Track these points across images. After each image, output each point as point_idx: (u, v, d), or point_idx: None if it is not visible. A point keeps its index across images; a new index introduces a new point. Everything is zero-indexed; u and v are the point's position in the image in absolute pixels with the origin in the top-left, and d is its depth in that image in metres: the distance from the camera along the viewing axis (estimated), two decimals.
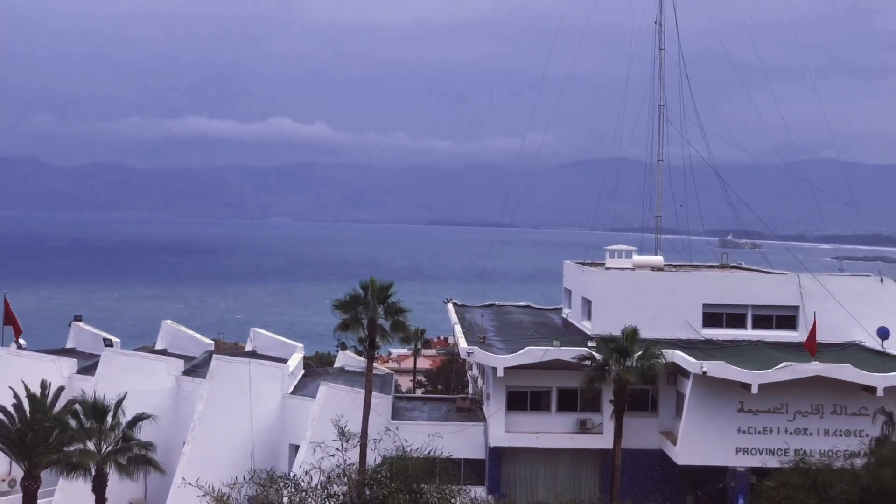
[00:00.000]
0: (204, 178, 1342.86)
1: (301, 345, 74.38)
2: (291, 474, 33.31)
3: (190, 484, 33.29)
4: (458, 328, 68.69)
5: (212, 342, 79.75)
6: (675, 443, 57.68)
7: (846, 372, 54.96)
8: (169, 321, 79.35)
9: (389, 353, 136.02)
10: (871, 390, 54.74)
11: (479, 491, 56.49)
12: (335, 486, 30.98)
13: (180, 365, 67.27)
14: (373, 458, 45.09)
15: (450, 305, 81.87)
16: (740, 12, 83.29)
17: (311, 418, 58.72)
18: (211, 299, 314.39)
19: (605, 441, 58.74)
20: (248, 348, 76.73)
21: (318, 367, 76.33)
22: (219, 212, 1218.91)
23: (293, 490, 30.70)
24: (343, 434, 33.21)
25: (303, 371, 71.80)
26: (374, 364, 60.48)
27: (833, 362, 56.00)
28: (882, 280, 65.62)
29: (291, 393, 64.75)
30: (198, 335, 78.15)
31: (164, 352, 73.51)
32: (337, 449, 32.30)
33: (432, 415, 65.95)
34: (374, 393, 58.51)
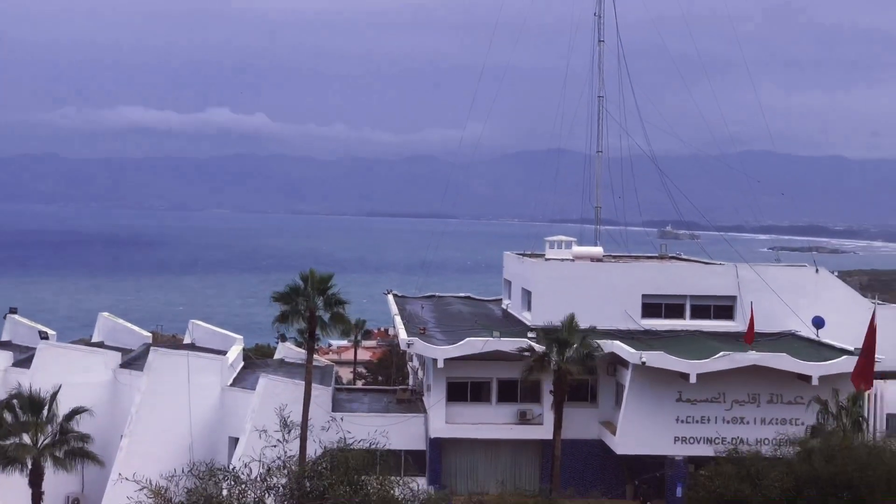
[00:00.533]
0: (141, 170, 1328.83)
1: (240, 337, 73.87)
2: (231, 467, 33.09)
3: (126, 479, 32.96)
4: (398, 319, 68.62)
5: (150, 334, 78.93)
6: (614, 433, 58.02)
7: (782, 361, 55.58)
8: (106, 313, 78.48)
9: (330, 345, 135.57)
10: (807, 379, 55.40)
11: (419, 482, 56.37)
12: (275, 479, 30.80)
13: (117, 358, 66.58)
14: (313, 450, 44.95)
15: (390, 297, 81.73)
16: (678, 5, 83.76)
17: (251, 410, 58.40)
18: (148, 291, 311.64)
19: (545, 431, 58.94)
20: (187, 340, 76.05)
21: (257, 359, 75.91)
22: (156, 203, 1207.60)
23: (232, 483, 30.47)
24: (285, 425, 33.02)
25: (242, 363, 71.32)
26: (315, 356, 60.23)
27: (769, 352, 56.61)
28: (817, 270, 66.39)
29: (231, 385, 64.32)
30: (135, 327, 77.34)
31: (101, 344, 72.68)
32: (277, 440, 32.12)
33: (373, 406, 65.83)
34: (314, 385, 58.30)
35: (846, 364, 55.29)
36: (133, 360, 67.85)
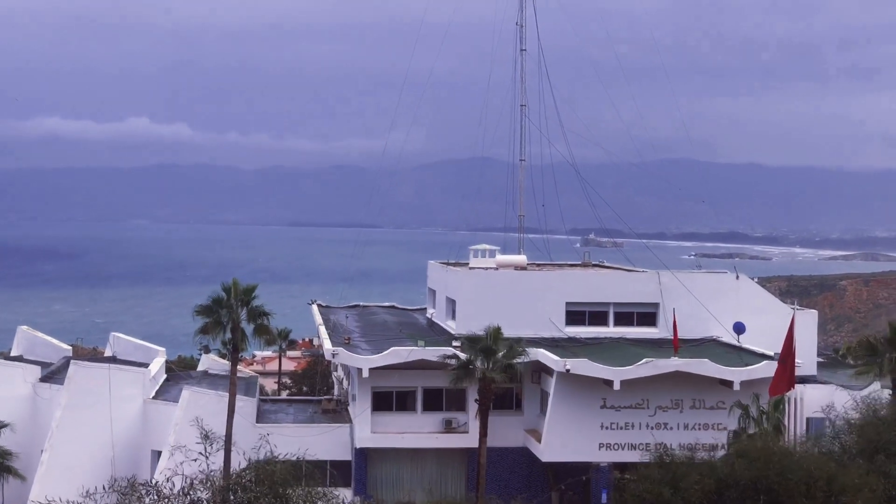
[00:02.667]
0: (59, 180, 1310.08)
1: (163, 349, 73.11)
2: (153, 481, 32.70)
3: (45, 500, 32.46)
4: (322, 329, 68.34)
5: (70, 347, 77.87)
6: (539, 440, 58.24)
7: (704, 367, 56.17)
8: (24, 327, 77.24)
9: (254, 356, 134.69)
10: (729, 384, 56.05)
11: (345, 493, 56.26)
12: (198, 492, 30.49)
13: (37, 371, 65.59)
14: (237, 463, 44.56)
15: (314, 307, 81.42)
16: (598, 15, 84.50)
17: (174, 423, 57.80)
18: (68, 304, 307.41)
19: (470, 440, 59.00)
20: (108, 353, 75.10)
21: (180, 372, 75.18)
22: (75, 214, 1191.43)
23: (155, 497, 30.12)
24: (207, 437, 32.71)
25: (165, 376, 70.59)
26: (238, 367, 59.82)
27: (692, 358, 57.20)
28: (738, 277, 67.16)
29: (153, 398, 63.65)
30: (55, 341, 76.23)
31: (19, 358, 71.48)
32: (200, 453, 31.81)
33: (298, 417, 65.53)
34: (238, 396, 57.86)
35: (767, 369, 56.04)
36: (53, 374, 66.88)
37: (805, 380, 60.74)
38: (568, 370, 55.53)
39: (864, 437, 45.01)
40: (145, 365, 66.87)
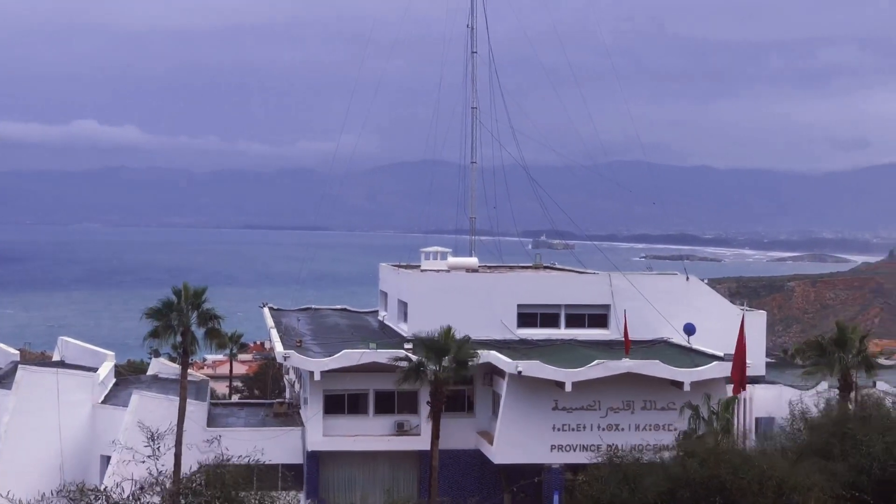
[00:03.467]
0: (5, 183, 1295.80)
1: (112, 353, 72.37)
2: (102, 486, 32.42)
3: None
4: (274, 332, 68.05)
5: (17, 352, 77.03)
6: (491, 442, 58.27)
7: (655, 368, 56.45)
8: None
9: (205, 359, 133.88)
10: (679, 385, 56.35)
11: (297, 496, 56.03)
12: (148, 497, 30.27)
13: None
14: (188, 467, 44.27)
15: (266, 310, 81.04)
16: (549, 17, 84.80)
17: (123, 428, 57.28)
18: (16, 308, 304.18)
19: (422, 442, 58.93)
20: (56, 357, 74.27)
21: (129, 376, 74.53)
22: (23, 217, 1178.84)
23: (104, 502, 29.87)
24: (154, 440, 32.47)
25: (114, 380, 69.98)
26: (189, 370, 59.41)
27: (643, 359, 57.48)
28: (688, 278, 67.59)
29: (102, 402, 63.04)
30: (2, 345, 75.42)
31: None
32: (149, 457, 31.57)
33: (249, 421, 65.17)
34: (188, 400, 57.41)
35: (716, 370, 56.46)
36: (0, 379, 66.11)
37: (754, 380, 61.20)
38: (520, 372, 55.61)
39: (812, 436, 45.47)
40: (94, 369, 66.24)
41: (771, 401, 59.37)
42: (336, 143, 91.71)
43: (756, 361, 61.14)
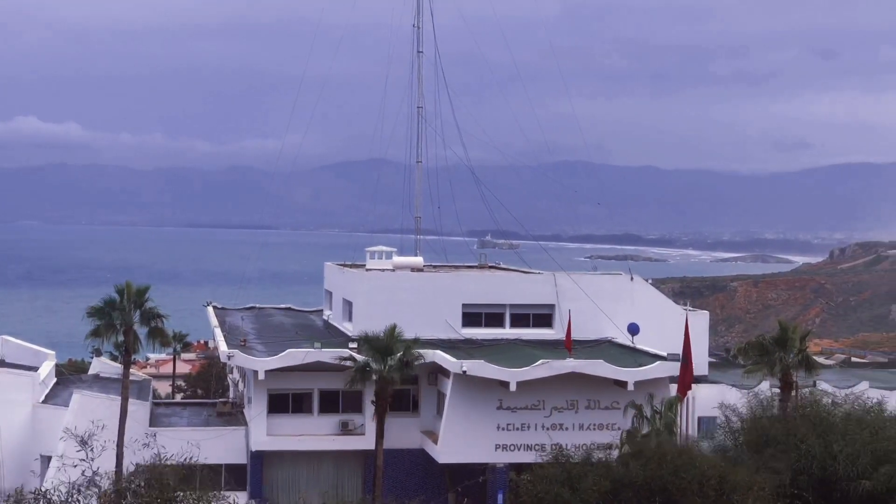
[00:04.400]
0: None
1: (53, 352, 71.64)
2: (42, 487, 32.04)
3: None
4: (218, 332, 67.66)
5: None
6: (436, 441, 58.29)
7: (599, 368, 56.70)
8: None
9: (147, 359, 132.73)
10: (623, 384, 56.64)
11: (240, 496, 55.74)
12: (88, 498, 29.95)
13: None
14: (130, 467, 43.86)
15: (210, 309, 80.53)
16: (495, 16, 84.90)
17: (64, 428, 56.63)
18: None
19: (367, 442, 58.81)
20: None
21: (71, 375, 73.77)
22: None
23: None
24: (86, 445, 32.13)
25: (55, 379, 69.23)
26: (132, 370, 58.94)
27: (587, 359, 57.71)
28: (632, 278, 67.94)
29: (43, 402, 62.37)
30: None
31: None
32: (82, 461, 31.23)
33: (192, 420, 64.81)
34: (130, 399, 57.00)
35: (660, 369, 56.84)
36: None
37: (697, 380, 61.57)
38: (464, 371, 55.66)
39: (752, 435, 45.88)
40: (35, 368, 65.50)
41: (713, 400, 59.75)
42: (281, 142, 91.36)
43: (699, 361, 61.49)
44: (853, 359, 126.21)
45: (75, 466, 31.08)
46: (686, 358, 54.04)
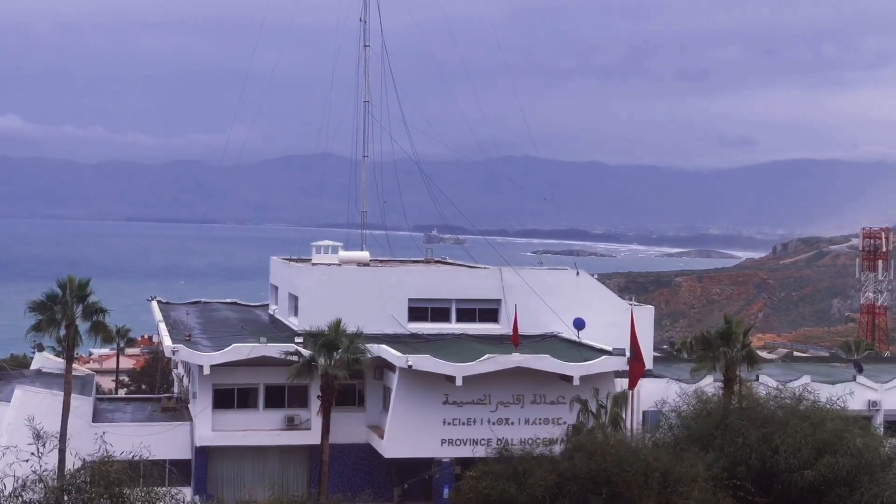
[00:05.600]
0: None
1: None
2: None
3: None
4: (162, 326, 67.26)
5: None
6: (382, 436, 58.29)
7: (545, 362, 56.93)
8: None
9: (90, 354, 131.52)
10: (569, 379, 56.91)
11: (185, 492, 55.36)
12: (31, 494, 29.65)
13: None
14: (72, 463, 43.47)
15: (154, 303, 79.99)
16: (441, 11, 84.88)
17: (5, 423, 56.09)
18: None
19: (312, 437, 58.71)
20: None
21: (12, 370, 72.97)
22: None
23: None
24: (39, 437, 31.85)
25: None
26: (74, 365, 58.42)
27: (533, 353, 57.91)
28: (578, 273, 68.22)
29: None
30: None
31: None
32: (32, 454, 30.94)
33: (136, 416, 64.36)
34: (73, 395, 56.50)
35: (605, 364, 57.20)
36: None
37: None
38: (410, 366, 55.70)
39: (693, 428, 46.28)
40: None
41: (657, 394, 60.20)
42: (226, 136, 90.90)
43: (644, 355, 61.95)
44: (795, 353, 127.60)
45: (27, 461, 30.77)
46: (635, 350, 54.44)
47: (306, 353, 56.32)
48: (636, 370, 55.78)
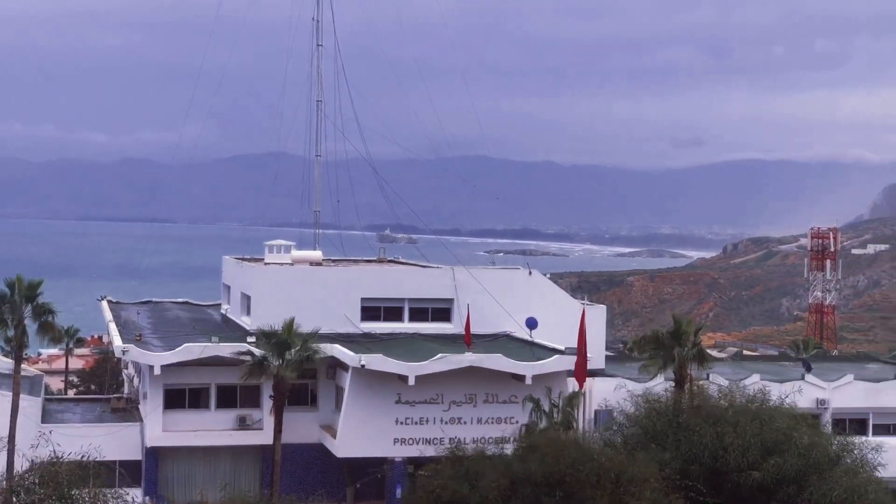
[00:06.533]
0: None
1: None
2: None
3: None
4: (112, 326, 66.71)
5: None
6: (334, 436, 58.19)
7: (497, 362, 57.04)
8: None
9: (39, 354, 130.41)
10: (521, 379, 57.02)
11: (135, 493, 55.08)
12: None
13: None
14: (20, 464, 43.14)
15: (104, 303, 79.30)
16: (395, 12, 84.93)
17: None
18: None
19: (265, 437, 58.51)
20: None
21: None
22: None
23: None
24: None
25: None
26: (23, 365, 57.92)
27: (485, 353, 58.02)
28: (530, 273, 68.39)
29: None
30: None
31: None
32: None
33: (86, 416, 63.81)
34: (21, 395, 56.03)
35: (558, 363, 57.36)
36: None
37: (594, 373, 62.32)
38: (363, 366, 55.63)
39: (645, 428, 46.56)
40: None
41: (609, 394, 60.53)
42: (178, 134, 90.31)
43: (596, 354, 62.26)
44: (745, 352, 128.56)
45: None
46: (580, 347, 54.68)
47: (259, 352, 56.12)
48: (580, 368, 55.96)
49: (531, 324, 63.96)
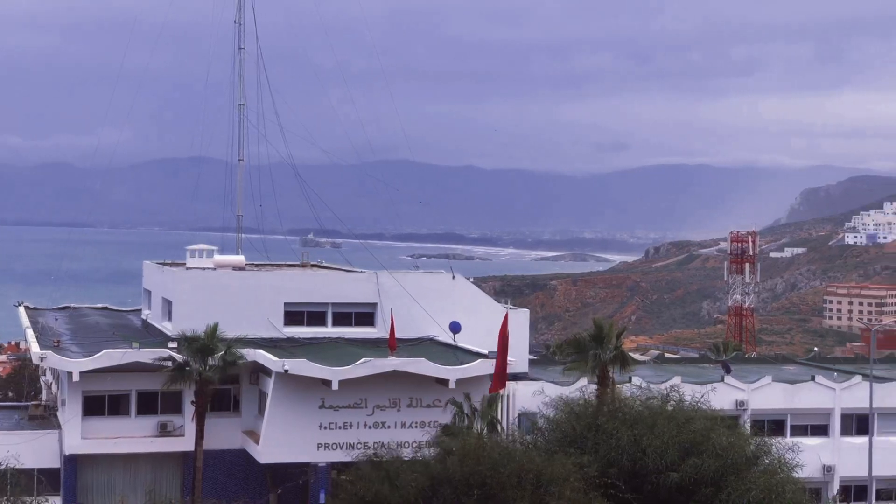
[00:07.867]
0: None
1: None
2: None
3: None
4: (30, 332, 65.89)
5: None
6: (257, 441, 57.89)
7: (421, 366, 57.16)
8: None
9: None
10: (445, 382, 57.23)
11: (54, 501, 54.40)
12: None
13: None
14: None
15: (21, 309, 78.24)
16: (318, 15, 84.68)
17: None
18: None
19: (186, 443, 58.05)
20: None
21: None
22: None
23: None
24: None
25: None
26: None
27: (409, 357, 58.11)
28: (454, 277, 68.55)
29: None
30: None
31: None
32: None
33: (2, 424, 62.88)
34: None
35: (481, 367, 57.58)
36: None
37: (517, 376, 62.64)
38: (286, 370, 55.41)
39: (566, 430, 46.81)
40: None
41: (532, 397, 60.86)
42: (97, 138, 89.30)
43: (519, 358, 62.60)
44: (666, 354, 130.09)
45: None
46: (501, 353, 54.92)
47: (180, 358, 55.67)
48: (498, 372, 56.15)
49: (455, 328, 64.17)
